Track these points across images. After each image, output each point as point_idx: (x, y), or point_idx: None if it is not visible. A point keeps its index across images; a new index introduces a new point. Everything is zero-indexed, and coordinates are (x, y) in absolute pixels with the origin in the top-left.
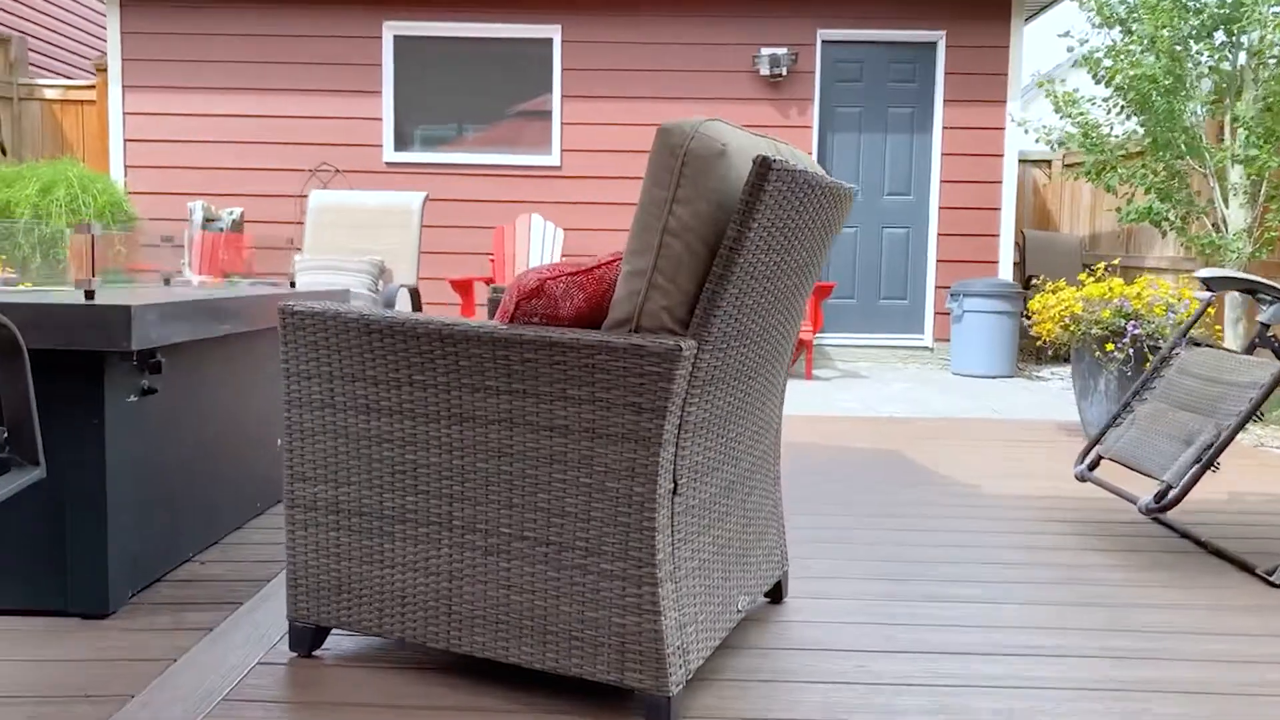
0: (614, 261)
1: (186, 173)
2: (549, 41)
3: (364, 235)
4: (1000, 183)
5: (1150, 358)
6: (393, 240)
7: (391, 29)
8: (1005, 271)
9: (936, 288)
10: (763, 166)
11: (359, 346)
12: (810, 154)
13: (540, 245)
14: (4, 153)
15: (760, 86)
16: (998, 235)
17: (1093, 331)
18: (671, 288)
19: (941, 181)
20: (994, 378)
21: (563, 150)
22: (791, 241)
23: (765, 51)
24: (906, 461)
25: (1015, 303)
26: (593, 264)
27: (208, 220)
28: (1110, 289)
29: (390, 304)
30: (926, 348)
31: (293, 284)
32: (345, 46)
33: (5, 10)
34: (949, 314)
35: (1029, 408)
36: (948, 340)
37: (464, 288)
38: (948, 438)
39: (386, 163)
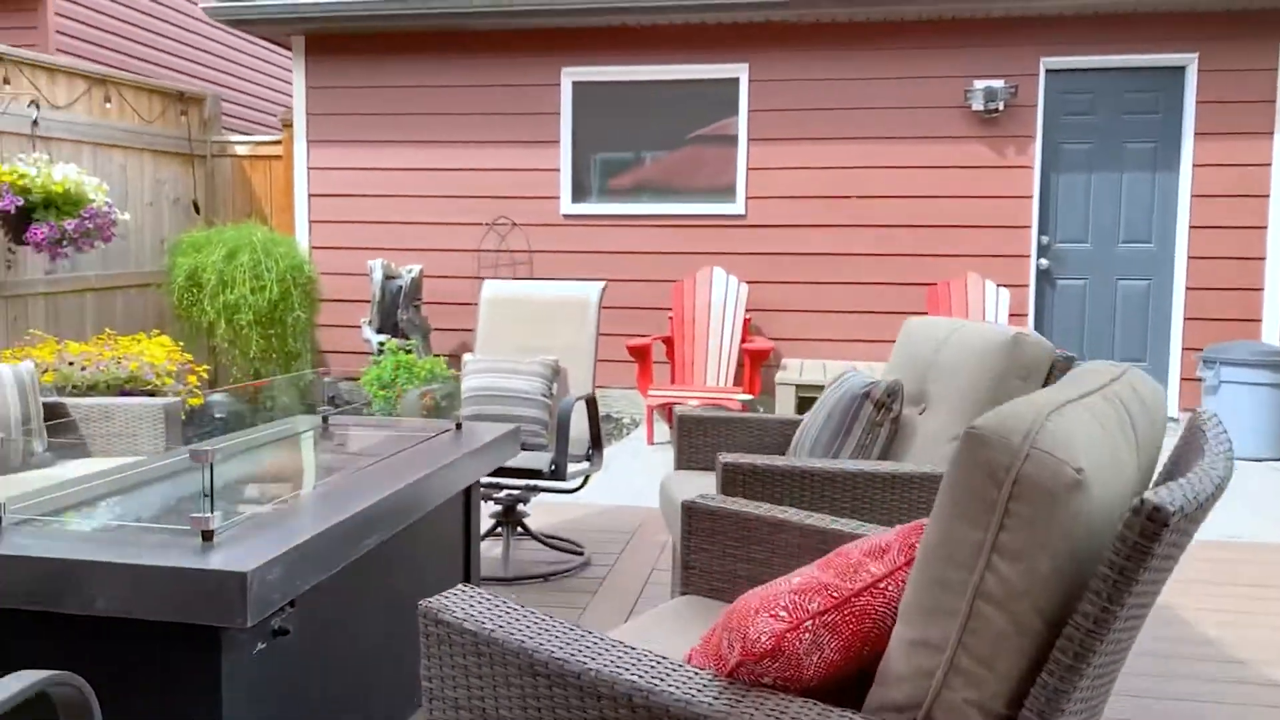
0: (881, 583)
1: (367, 227)
2: (734, 81)
3: (538, 330)
4: (1265, 228)
5: None
6: (568, 336)
7: (570, 75)
8: (1272, 334)
9: (1184, 350)
10: (1153, 519)
11: (520, 691)
12: (1030, 196)
13: (722, 301)
14: (197, 209)
15: (973, 123)
16: (1262, 290)
17: None
18: (985, 674)
19: (1191, 227)
20: (1261, 460)
21: (748, 198)
22: (1157, 587)
23: (979, 84)
24: (1164, 617)
25: None
26: (850, 589)
27: (387, 278)
28: None
29: (565, 420)
30: (1170, 418)
31: (459, 425)
32: (523, 96)
33: (199, 70)
34: (1200, 381)
35: None
36: (1197, 409)
37: (640, 353)
38: (1218, 581)
39: (564, 215)
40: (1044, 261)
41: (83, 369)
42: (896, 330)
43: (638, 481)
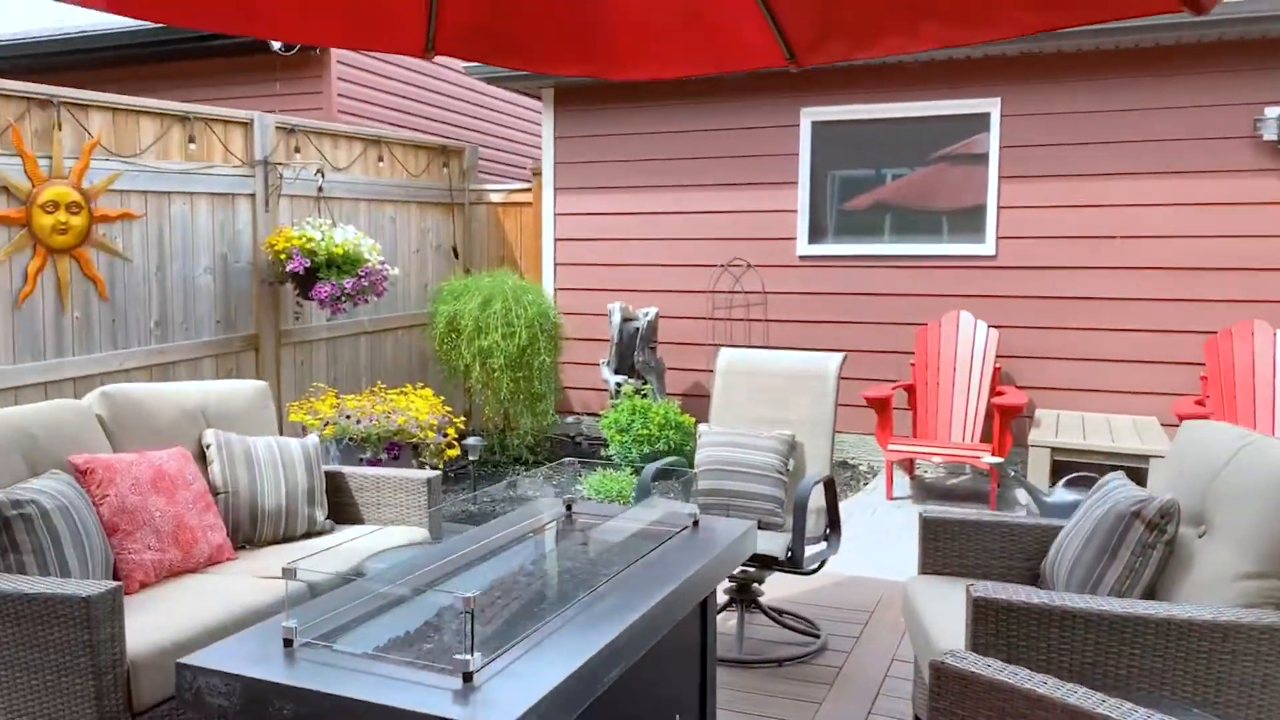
0: None
1: (608, 269)
2: (985, 117)
3: (774, 401)
4: None
5: None
6: (805, 409)
7: (809, 115)
8: None
9: None
10: None
11: None
12: None
13: (969, 348)
14: (456, 254)
15: (1266, 155)
16: None
17: None
18: None
19: None
20: None
21: (998, 238)
22: None
23: (1272, 112)
24: None
25: None
26: None
27: (625, 320)
28: None
29: (802, 506)
30: None
31: (696, 522)
32: (761, 137)
33: (458, 123)
34: None
35: None
36: None
37: (880, 404)
38: None
39: (800, 256)
40: None
41: (357, 422)
42: (1166, 383)
43: (876, 547)
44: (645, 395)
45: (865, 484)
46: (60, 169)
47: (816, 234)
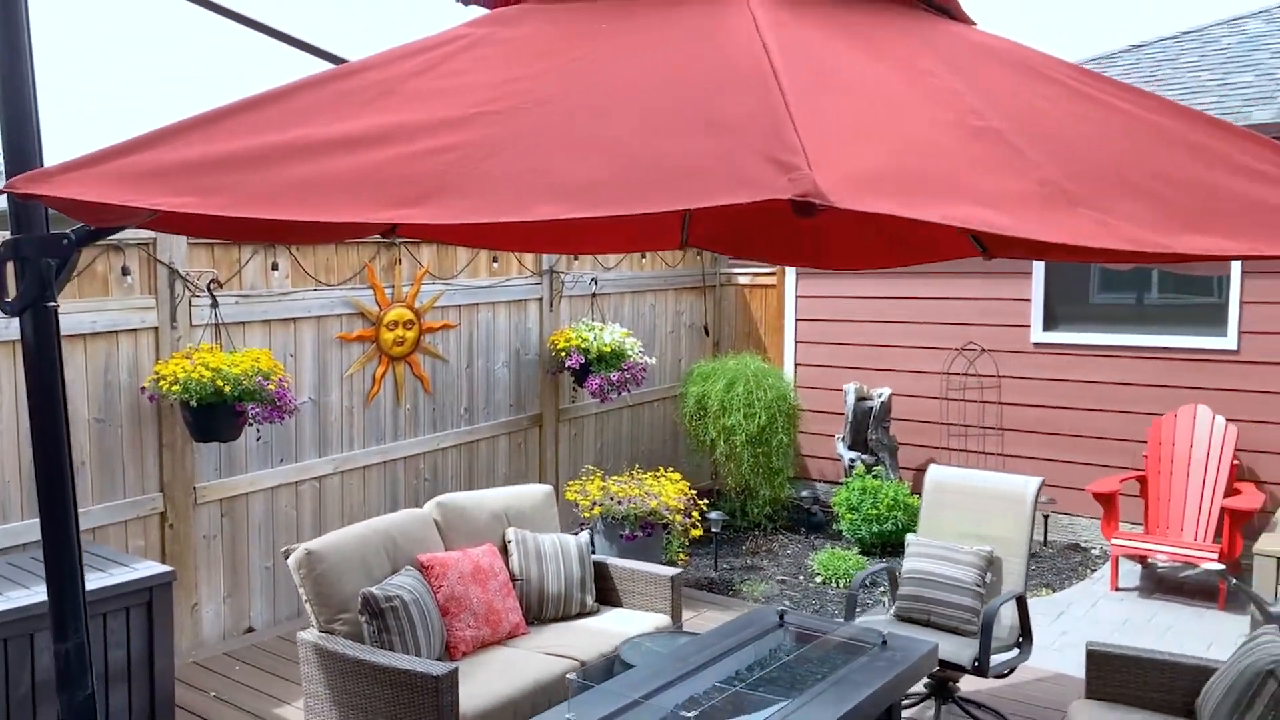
0: None
1: (845, 349)
2: None
3: (976, 518)
4: None
5: None
6: (1003, 528)
7: None
8: None
9: None
10: None
11: None
12: None
13: (1206, 444)
14: (707, 332)
15: None
16: None
17: None
18: None
19: None
20: None
21: (1240, 332)
22: None
23: None
24: None
25: None
26: None
27: (859, 399)
28: None
29: (989, 623)
30: None
31: (884, 641)
32: None
33: None
34: None
35: None
36: None
37: (1107, 498)
38: None
39: (1034, 343)
40: None
41: (619, 504)
42: None
43: (1091, 636)
44: (877, 474)
45: (1094, 570)
46: (400, 294)
47: (1051, 321)
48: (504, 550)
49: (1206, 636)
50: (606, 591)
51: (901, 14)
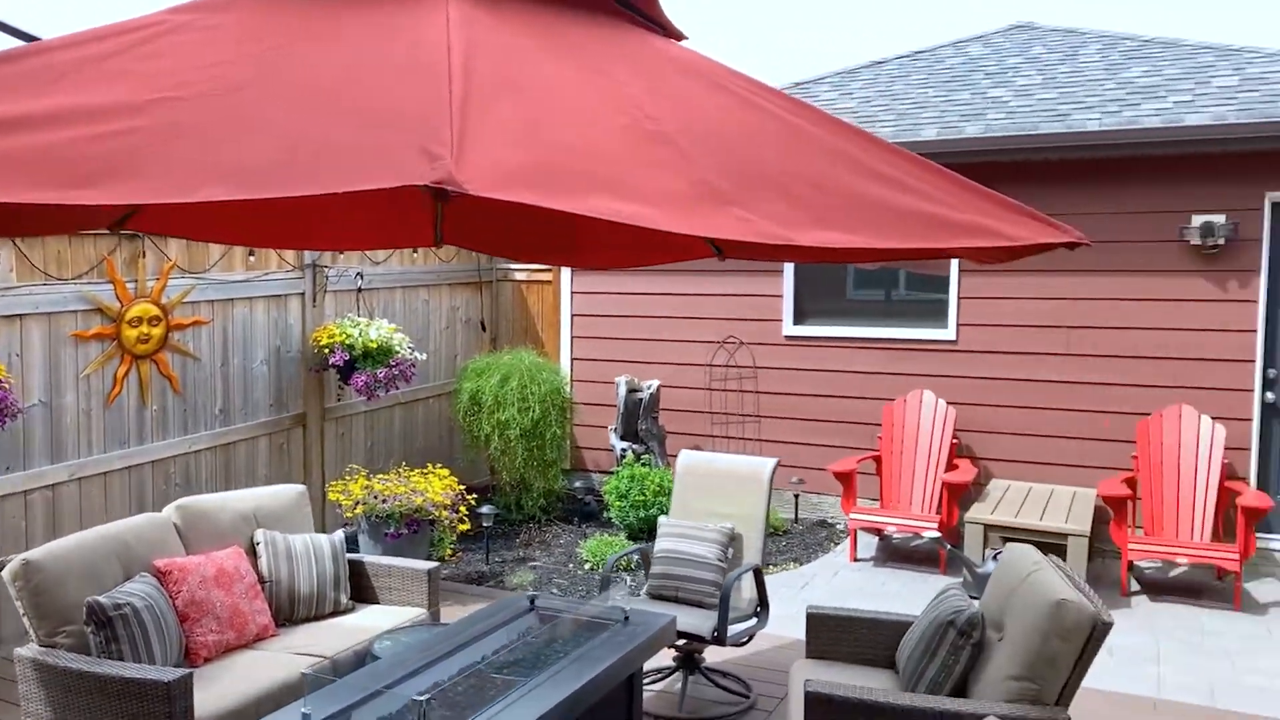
0: None
1: (619, 343)
2: None
3: (719, 498)
4: None
5: None
6: (744, 505)
7: None
8: None
9: None
10: None
11: None
12: (1254, 330)
13: (931, 422)
14: (484, 327)
15: (1190, 258)
16: None
17: None
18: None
19: None
20: None
21: (959, 324)
22: None
23: (1197, 220)
24: None
25: None
26: None
27: (630, 391)
28: None
29: (727, 595)
30: None
31: (627, 618)
32: None
33: None
34: None
35: None
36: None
37: (844, 477)
38: None
39: (785, 336)
40: (1270, 395)
41: (383, 502)
42: (1110, 458)
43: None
44: (647, 462)
45: (838, 544)
46: (144, 289)
47: (801, 317)
48: (252, 552)
49: (927, 597)
50: (364, 589)
51: (606, 24)
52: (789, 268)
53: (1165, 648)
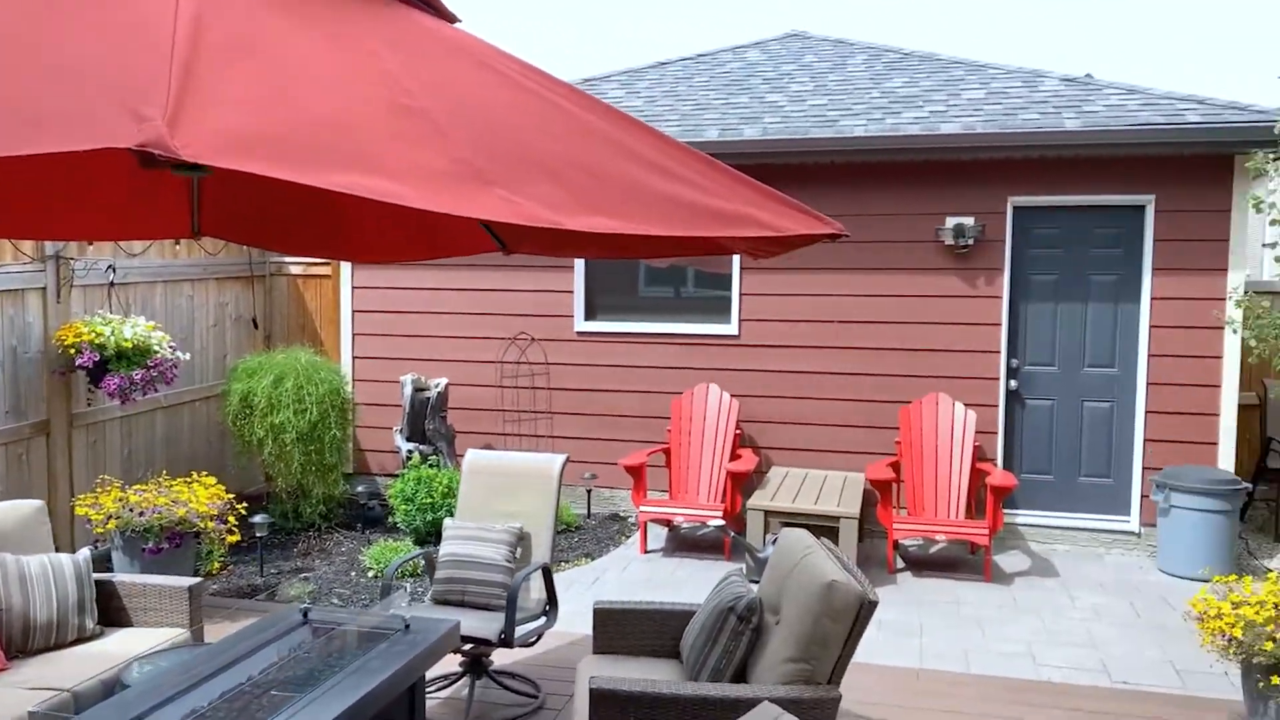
0: None
1: (405, 340)
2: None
3: (508, 496)
4: (1221, 358)
5: None
6: (533, 503)
7: None
8: (1226, 458)
9: (1144, 469)
10: None
11: None
12: (999, 324)
13: (716, 414)
14: (256, 325)
15: (946, 256)
16: (1217, 415)
17: (1255, 660)
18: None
19: (1150, 355)
20: (1207, 581)
21: (740, 320)
22: None
23: (950, 221)
24: None
25: (1233, 500)
26: None
27: (417, 390)
28: (1278, 608)
29: (514, 597)
30: (1132, 533)
31: (407, 626)
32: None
33: None
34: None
35: (1229, 665)
36: (1155, 525)
37: (634, 470)
38: None
39: (577, 332)
40: (1013, 383)
41: (140, 514)
42: (877, 444)
43: (620, 598)
44: (435, 463)
45: (629, 537)
46: None
47: (591, 312)
48: None
49: (714, 584)
50: (115, 612)
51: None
52: (579, 264)
53: (927, 620)
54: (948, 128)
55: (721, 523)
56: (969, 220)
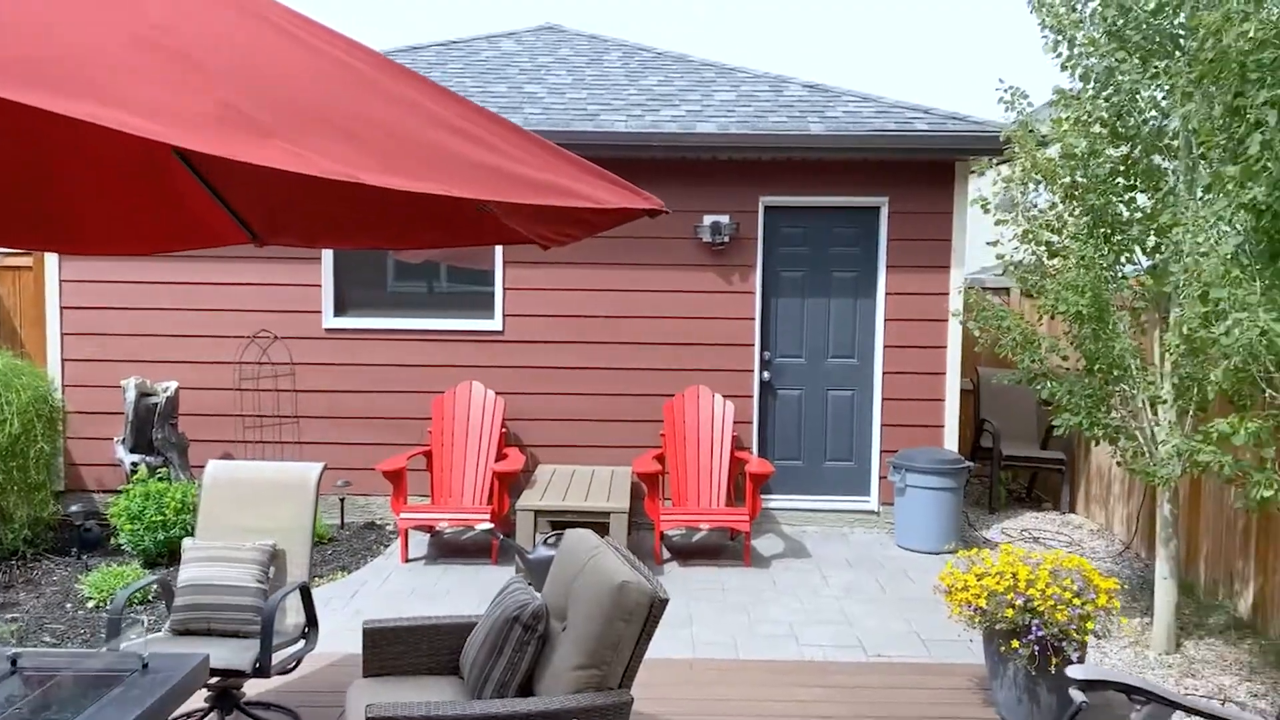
0: None
1: (126, 340)
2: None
3: (258, 511)
4: (945, 348)
5: (1055, 658)
6: (287, 517)
7: None
8: (951, 440)
9: (882, 452)
10: None
11: None
12: (753, 318)
13: (480, 413)
14: None
15: (703, 253)
16: (943, 400)
17: (998, 627)
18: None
19: (885, 346)
20: (937, 553)
21: (505, 315)
22: None
23: (707, 219)
24: None
25: (958, 477)
26: None
27: (143, 395)
28: (1015, 576)
29: (269, 622)
30: (873, 512)
31: (145, 665)
32: None
33: None
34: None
35: (963, 632)
36: (893, 504)
37: (394, 475)
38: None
39: (326, 329)
40: (766, 374)
41: None
42: (644, 437)
43: (383, 612)
44: (165, 476)
45: (388, 546)
46: None
47: (342, 308)
48: None
49: (482, 591)
50: None
51: None
52: (328, 256)
53: (696, 609)
54: (704, 127)
55: (489, 526)
56: (725, 218)
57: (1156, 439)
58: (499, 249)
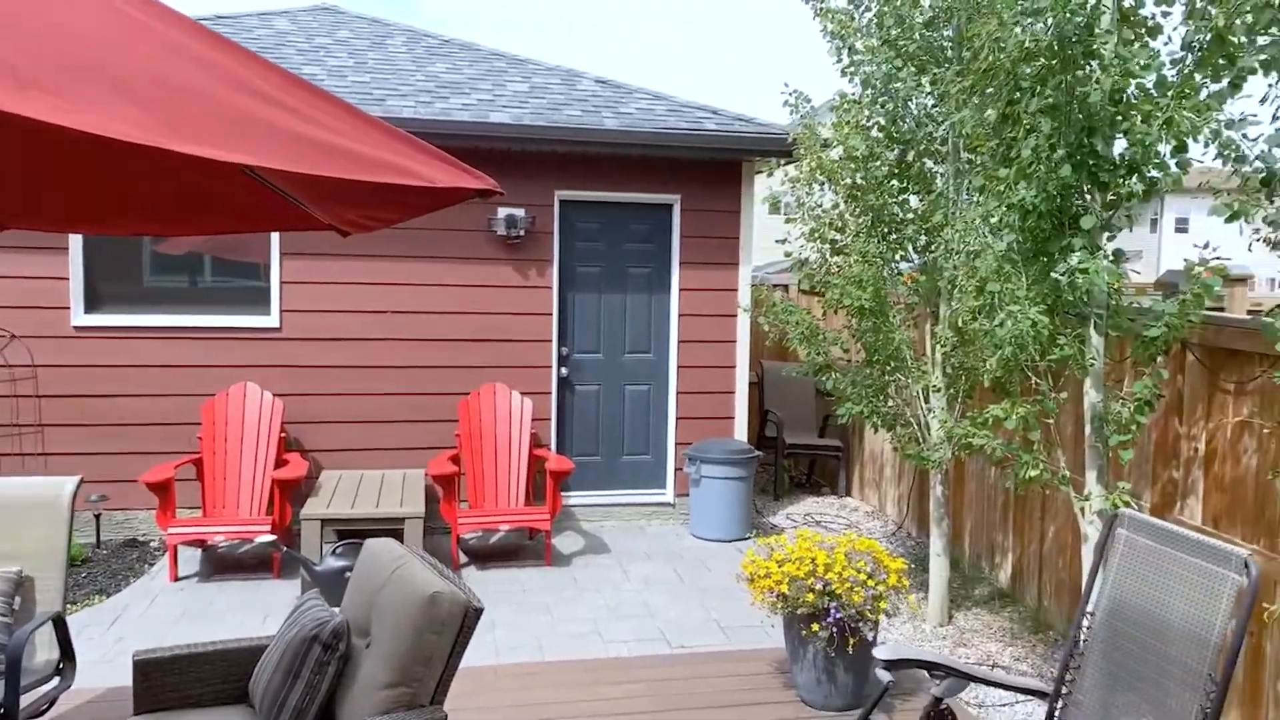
0: None
1: None
2: None
3: (3, 533)
4: (735, 342)
5: (852, 638)
6: (37, 540)
7: None
8: (741, 430)
9: (677, 444)
10: None
11: None
12: (550, 314)
13: (256, 416)
14: None
15: (499, 247)
16: (734, 392)
17: (799, 611)
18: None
19: (680, 341)
20: (731, 541)
21: (282, 311)
22: None
23: (502, 212)
24: None
25: (749, 466)
26: None
27: None
28: (814, 561)
29: (16, 660)
30: (669, 504)
31: None
32: None
33: None
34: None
35: (760, 617)
36: (688, 495)
37: (162, 489)
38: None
39: (75, 327)
40: (564, 370)
41: None
42: (437, 438)
43: (149, 639)
44: None
45: (154, 564)
46: None
47: (95, 303)
48: None
49: (265, 608)
50: None
51: None
52: (76, 245)
53: (497, 613)
54: (497, 117)
55: (271, 537)
56: (520, 211)
57: (930, 426)
58: (274, 239)
